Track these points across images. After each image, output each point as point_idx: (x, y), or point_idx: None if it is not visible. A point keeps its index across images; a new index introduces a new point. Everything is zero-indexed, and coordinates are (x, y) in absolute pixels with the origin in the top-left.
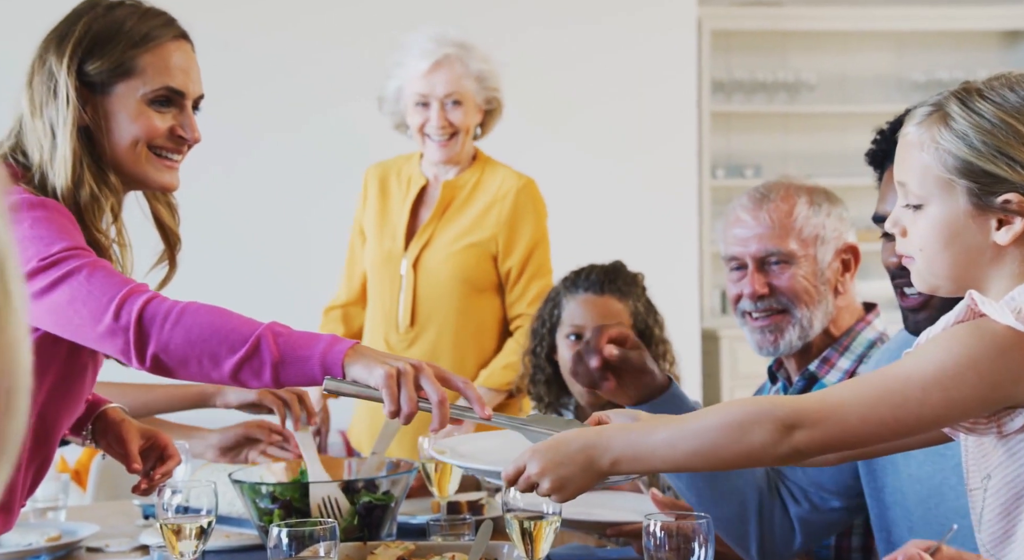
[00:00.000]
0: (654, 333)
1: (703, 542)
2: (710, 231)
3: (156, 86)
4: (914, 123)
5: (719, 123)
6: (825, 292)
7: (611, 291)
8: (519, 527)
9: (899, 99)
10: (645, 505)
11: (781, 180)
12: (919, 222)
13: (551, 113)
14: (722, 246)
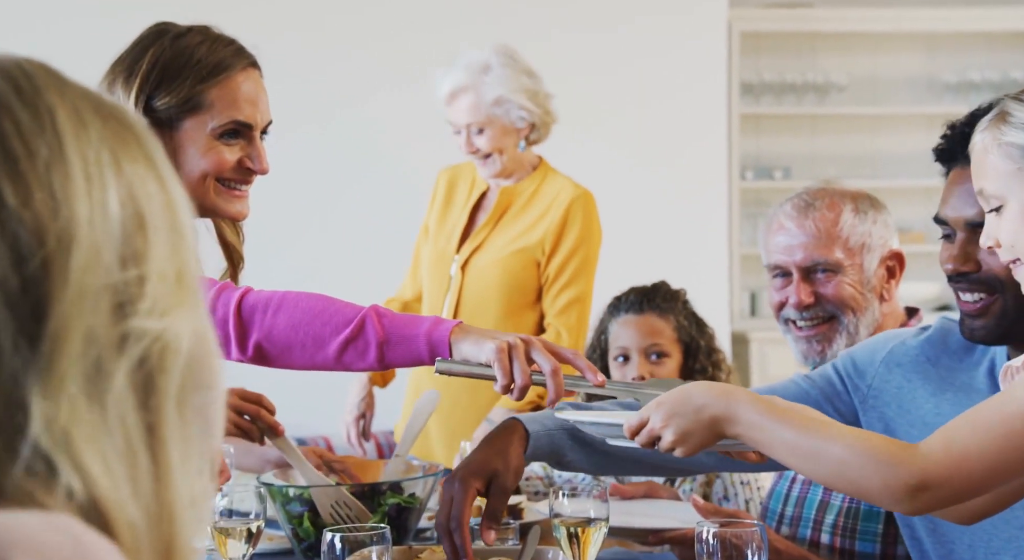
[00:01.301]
0: (700, 345)
1: (756, 550)
2: (739, 233)
3: (225, 121)
4: (979, 131)
5: (748, 125)
6: (871, 300)
7: (651, 309)
8: (567, 532)
9: (930, 101)
10: (686, 512)
11: (824, 186)
12: (1004, 222)
13: (582, 116)
14: (764, 254)
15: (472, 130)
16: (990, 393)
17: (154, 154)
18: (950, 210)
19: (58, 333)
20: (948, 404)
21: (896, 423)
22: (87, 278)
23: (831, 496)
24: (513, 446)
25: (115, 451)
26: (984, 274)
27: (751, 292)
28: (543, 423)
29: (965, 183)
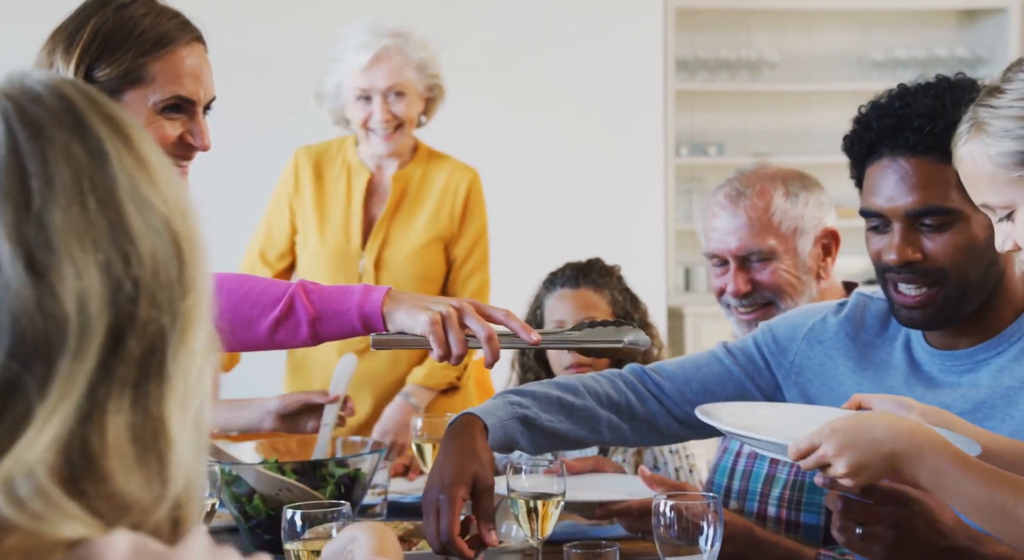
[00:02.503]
0: (635, 318)
1: (712, 521)
2: (674, 209)
3: (167, 95)
4: (959, 146)
5: (683, 102)
6: (808, 281)
7: (586, 284)
8: (525, 507)
9: (860, 78)
10: (633, 484)
11: (757, 171)
12: (1019, 227)
13: (521, 96)
14: (703, 241)
15: (390, 95)
16: (907, 369)
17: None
18: (884, 201)
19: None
20: (868, 381)
21: (818, 400)
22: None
23: (777, 469)
24: (479, 442)
25: None
26: (929, 264)
27: (685, 268)
28: (497, 415)
29: (896, 173)
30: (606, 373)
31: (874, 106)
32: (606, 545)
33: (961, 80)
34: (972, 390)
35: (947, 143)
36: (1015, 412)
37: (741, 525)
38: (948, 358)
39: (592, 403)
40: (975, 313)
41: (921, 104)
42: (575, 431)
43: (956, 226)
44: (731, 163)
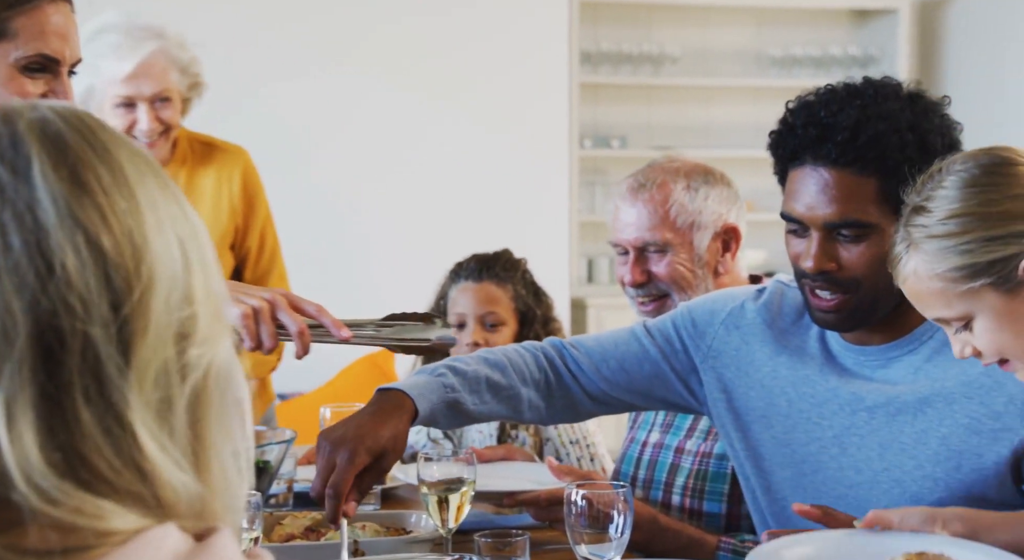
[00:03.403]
0: (536, 314)
1: (623, 510)
2: (578, 201)
3: (30, 53)
4: (901, 266)
5: (587, 94)
6: (704, 276)
7: (489, 278)
8: (436, 497)
9: (757, 74)
10: (541, 473)
11: (662, 164)
12: (979, 334)
13: (427, 88)
14: (609, 229)
15: (156, 102)
16: (822, 358)
17: (178, 193)
18: (804, 209)
19: (142, 366)
20: (784, 367)
21: (734, 384)
22: (163, 318)
23: (682, 459)
24: (404, 425)
25: (179, 455)
26: (844, 274)
27: (588, 259)
28: (429, 398)
29: (817, 183)
30: (529, 347)
31: (802, 108)
32: (516, 534)
33: (886, 86)
34: (886, 385)
35: (869, 156)
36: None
37: (646, 513)
38: (861, 353)
39: (517, 382)
40: (888, 313)
41: (846, 116)
42: (498, 411)
43: (872, 238)
44: (634, 156)
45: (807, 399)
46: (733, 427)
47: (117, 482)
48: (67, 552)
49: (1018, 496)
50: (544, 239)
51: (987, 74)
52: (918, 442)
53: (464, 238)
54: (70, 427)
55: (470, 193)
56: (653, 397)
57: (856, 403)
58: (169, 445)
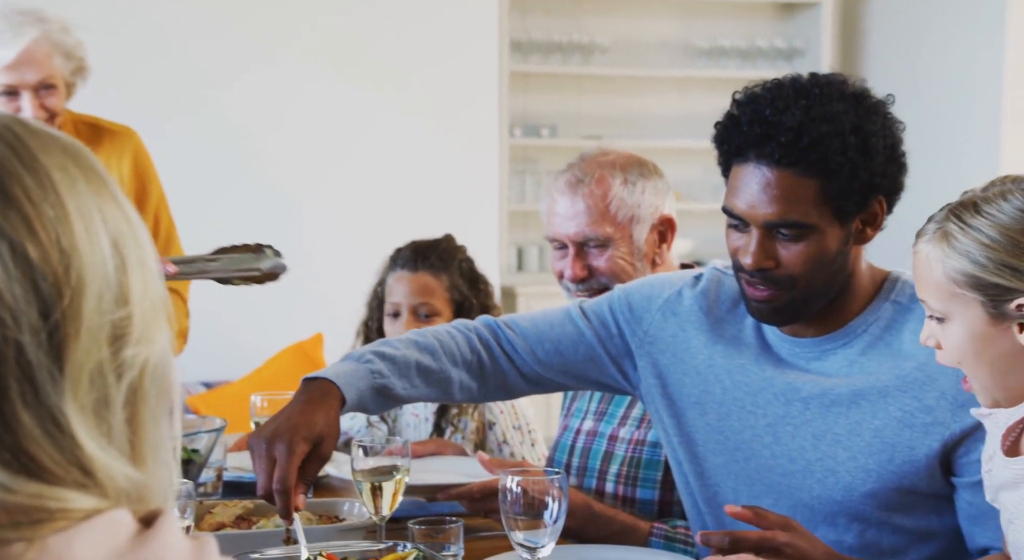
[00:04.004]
0: (473, 303)
1: (557, 497)
2: (508, 190)
3: None
4: (923, 241)
5: (517, 83)
6: (643, 268)
7: (424, 267)
8: (370, 486)
9: (685, 64)
10: (472, 466)
11: (598, 157)
12: (948, 336)
13: (357, 78)
14: (545, 224)
15: (41, 90)
16: (758, 347)
17: (117, 192)
18: (744, 206)
19: (75, 370)
20: (720, 355)
21: (669, 370)
22: (95, 320)
23: (615, 446)
24: (334, 410)
25: (117, 453)
26: (782, 271)
27: (518, 247)
28: (357, 386)
29: (759, 181)
30: (461, 327)
31: (748, 102)
32: (449, 521)
33: (831, 85)
34: (820, 377)
35: (811, 158)
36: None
37: (579, 500)
38: (796, 345)
39: (447, 365)
40: (822, 308)
41: (790, 116)
42: (427, 395)
43: (811, 237)
44: (564, 145)
45: (742, 387)
46: (667, 413)
47: (66, 477)
48: (34, 523)
49: (947, 486)
50: (474, 228)
51: (906, 66)
52: (852, 433)
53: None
54: (13, 429)
55: (401, 182)
56: (586, 379)
57: (791, 393)
58: (107, 443)
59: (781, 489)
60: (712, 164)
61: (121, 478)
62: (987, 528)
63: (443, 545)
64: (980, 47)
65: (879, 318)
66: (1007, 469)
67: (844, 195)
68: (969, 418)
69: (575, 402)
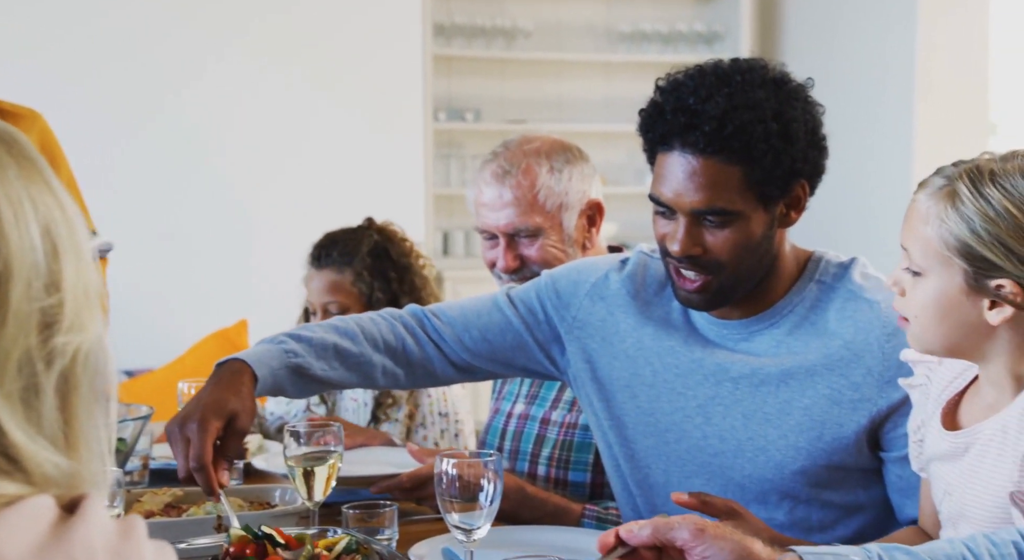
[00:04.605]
0: (381, 297)
1: (492, 479)
2: (433, 174)
3: None
4: (926, 193)
5: (440, 67)
6: (575, 253)
7: (327, 264)
8: (303, 471)
9: (608, 49)
10: (402, 456)
11: (522, 145)
12: (917, 290)
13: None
14: (473, 215)
15: None
16: (686, 329)
17: (51, 179)
18: (671, 194)
19: (1, 357)
20: (648, 338)
21: (599, 355)
22: (23, 307)
23: (547, 430)
24: (246, 387)
25: (46, 441)
26: (709, 257)
27: (444, 232)
28: (269, 364)
29: (684, 169)
30: (385, 315)
31: (671, 90)
32: (383, 505)
33: (753, 71)
34: (749, 357)
35: (734, 146)
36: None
37: (512, 483)
38: (724, 327)
39: (368, 349)
40: (749, 290)
41: (713, 104)
42: (348, 379)
43: (736, 223)
44: (488, 129)
45: (671, 369)
46: (597, 397)
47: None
48: None
49: (874, 461)
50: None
51: (822, 49)
52: (781, 412)
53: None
54: None
55: (325, 168)
56: (514, 365)
57: (720, 373)
58: (36, 432)
59: (712, 469)
60: (636, 148)
61: (49, 466)
62: (916, 499)
63: (377, 529)
64: (892, 28)
65: (804, 298)
66: (944, 442)
67: (768, 181)
68: (896, 393)
69: (506, 385)
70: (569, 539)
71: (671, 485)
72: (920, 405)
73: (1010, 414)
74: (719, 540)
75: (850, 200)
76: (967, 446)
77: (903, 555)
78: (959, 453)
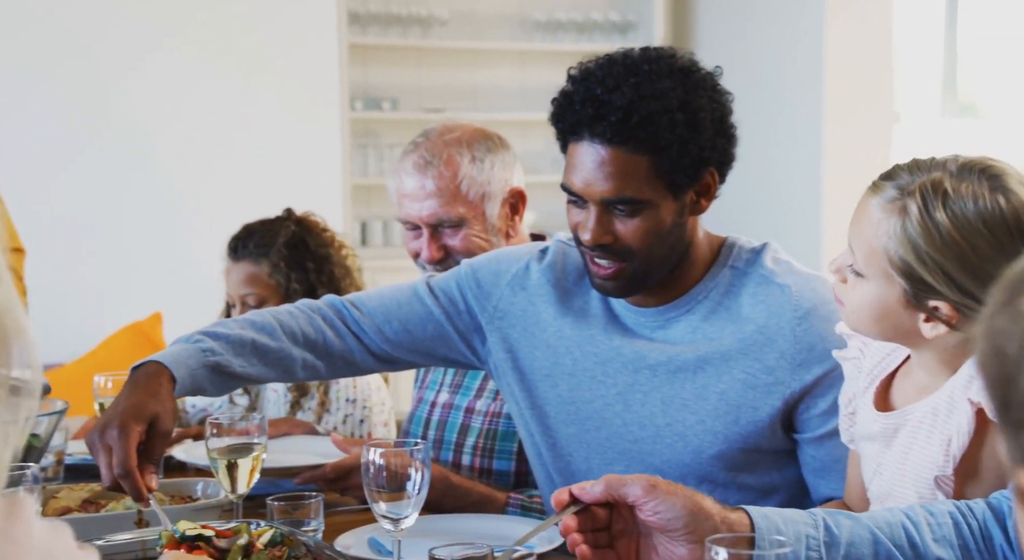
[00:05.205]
0: (298, 288)
1: (419, 468)
2: (351, 163)
3: None
4: (878, 201)
5: (356, 55)
6: (498, 242)
7: (244, 256)
8: (226, 464)
9: (523, 38)
10: (324, 446)
11: (443, 134)
12: (857, 289)
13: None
14: (395, 206)
15: None
16: (605, 318)
17: None
18: (581, 183)
19: None
20: (569, 327)
21: (520, 344)
22: None
23: (471, 419)
24: (164, 388)
25: None
26: (620, 245)
27: (362, 222)
28: (187, 364)
29: (594, 159)
30: (303, 307)
31: (581, 80)
32: (309, 496)
33: (660, 61)
34: (666, 345)
35: (641, 136)
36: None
37: (437, 473)
38: (641, 314)
39: (288, 344)
40: (664, 278)
41: (620, 94)
42: (268, 374)
43: (646, 212)
44: (405, 118)
45: (591, 358)
46: (518, 386)
47: None
48: None
49: (788, 442)
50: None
51: (734, 37)
52: (698, 398)
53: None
54: None
55: (242, 159)
56: (435, 356)
57: (639, 361)
58: None
59: (632, 455)
60: (553, 137)
61: None
62: (830, 479)
63: (303, 521)
64: (801, 18)
65: (718, 284)
66: (876, 423)
67: (676, 170)
68: (808, 375)
69: (429, 374)
70: (494, 527)
71: (592, 472)
72: (852, 378)
73: (940, 397)
74: (671, 496)
75: (760, 187)
76: (898, 427)
77: (845, 519)
78: (890, 434)
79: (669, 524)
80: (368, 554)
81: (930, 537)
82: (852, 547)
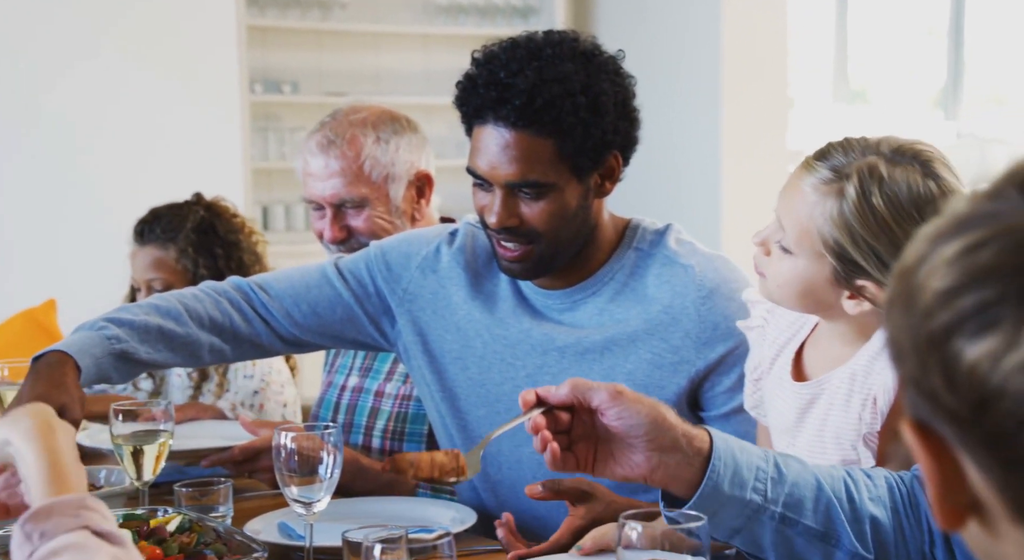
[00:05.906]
0: (205, 273)
1: (332, 451)
2: (251, 147)
3: None
4: (812, 180)
5: (255, 38)
6: (402, 224)
7: (150, 240)
8: (131, 450)
9: (425, 21)
10: (232, 429)
11: (349, 115)
12: (784, 264)
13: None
14: (301, 185)
15: None
16: (514, 300)
17: None
18: (486, 167)
19: None
20: (479, 310)
21: (430, 327)
22: None
23: (381, 402)
24: (69, 377)
25: None
26: (526, 228)
27: (263, 206)
28: (91, 353)
29: (498, 142)
30: (208, 290)
31: (485, 64)
32: (218, 482)
33: (562, 44)
34: (574, 328)
35: (545, 119)
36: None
37: (348, 455)
38: (549, 297)
39: (194, 329)
40: (570, 260)
41: (523, 78)
42: (174, 359)
43: (551, 195)
44: (306, 101)
45: (501, 340)
46: (428, 369)
47: None
48: None
49: (695, 421)
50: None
51: (634, 20)
52: (606, 378)
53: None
54: None
55: (140, 142)
56: (344, 338)
57: (547, 343)
58: None
59: None
60: (457, 120)
61: None
62: None
63: (212, 506)
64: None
65: (623, 266)
66: (796, 394)
67: (580, 153)
68: (712, 353)
69: (338, 358)
70: (406, 508)
71: (503, 454)
72: (757, 345)
73: (858, 362)
74: (635, 403)
75: (661, 169)
76: (814, 397)
77: (795, 462)
78: (805, 405)
79: (631, 431)
80: (278, 539)
81: (867, 496)
82: (796, 487)
